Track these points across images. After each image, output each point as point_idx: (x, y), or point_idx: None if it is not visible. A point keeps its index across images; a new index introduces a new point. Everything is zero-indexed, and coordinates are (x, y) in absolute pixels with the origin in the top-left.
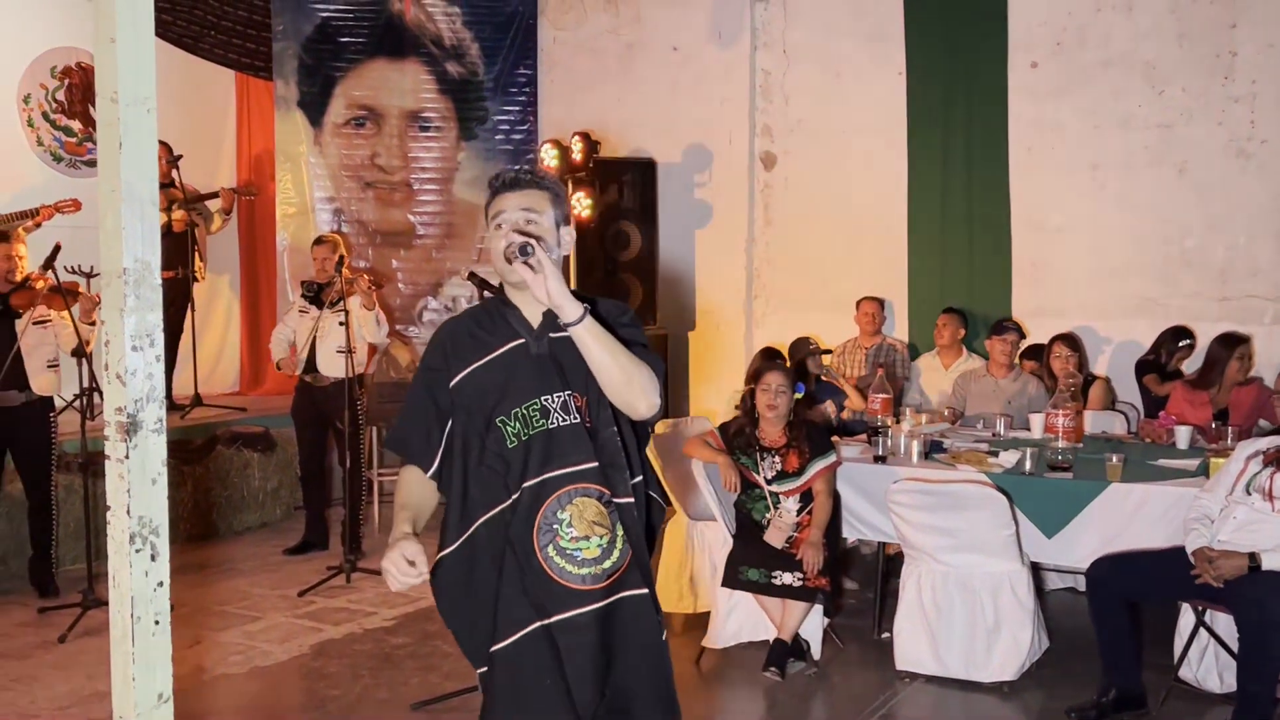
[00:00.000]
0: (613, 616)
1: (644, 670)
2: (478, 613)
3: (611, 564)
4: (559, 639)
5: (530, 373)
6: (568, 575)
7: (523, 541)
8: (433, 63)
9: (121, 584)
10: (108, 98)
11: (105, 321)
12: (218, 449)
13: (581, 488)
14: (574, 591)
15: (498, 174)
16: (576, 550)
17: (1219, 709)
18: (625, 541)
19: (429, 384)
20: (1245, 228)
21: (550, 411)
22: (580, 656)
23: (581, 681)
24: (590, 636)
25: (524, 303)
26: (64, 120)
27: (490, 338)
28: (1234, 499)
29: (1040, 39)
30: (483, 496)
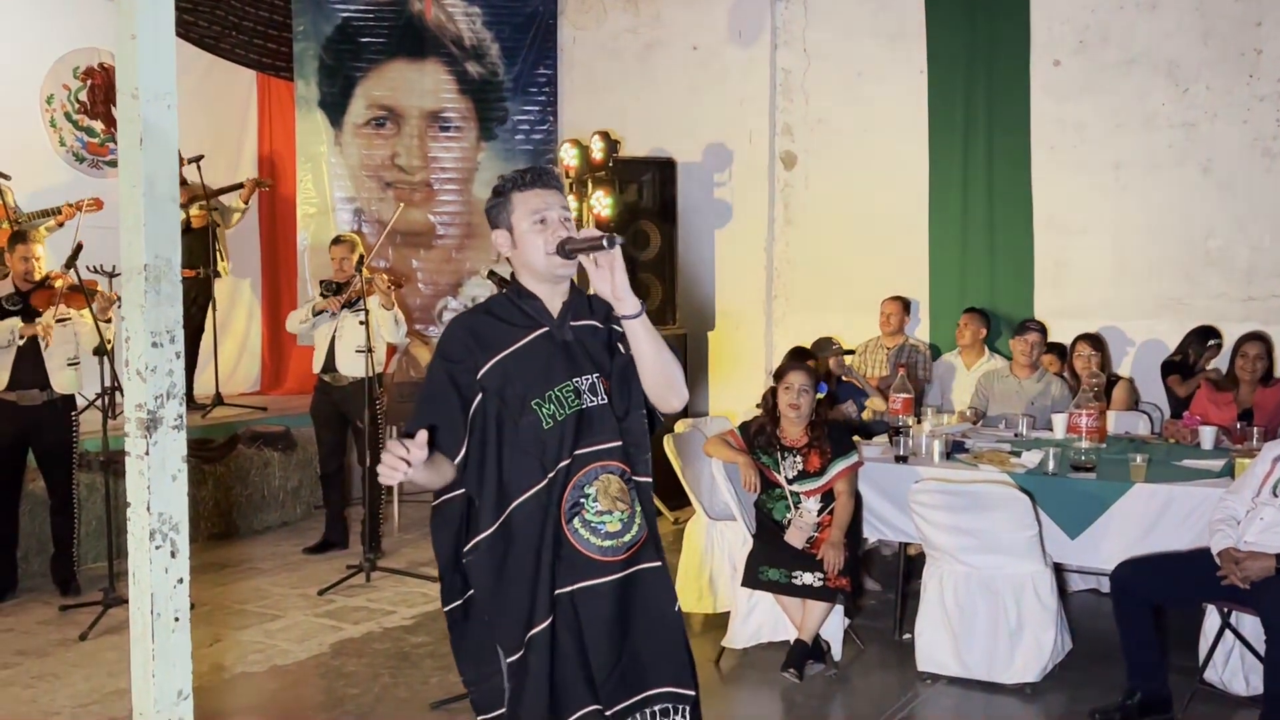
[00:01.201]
0: (630, 587)
1: (660, 637)
2: (512, 596)
3: (631, 537)
4: (580, 606)
5: (560, 357)
6: (591, 546)
7: (552, 516)
8: (453, 63)
9: (141, 580)
10: (129, 94)
11: (125, 318)
12: (238, 448)
13: (605, 465)
14: (596, 562)
15: (523, 170)
16: (600, 523)
17: (1245, 712)
18: (643, 517)
19: (451, 374)
20: (1270, 227)
21: (582, 392)
22: (598, 623)
23: (598, 647)
24: (609, 604)
25: (546, 294)
26: (86, 121)
27: (514, 327)
28: (1260, 500)
29: (1062, 37)
30: (519, 480)
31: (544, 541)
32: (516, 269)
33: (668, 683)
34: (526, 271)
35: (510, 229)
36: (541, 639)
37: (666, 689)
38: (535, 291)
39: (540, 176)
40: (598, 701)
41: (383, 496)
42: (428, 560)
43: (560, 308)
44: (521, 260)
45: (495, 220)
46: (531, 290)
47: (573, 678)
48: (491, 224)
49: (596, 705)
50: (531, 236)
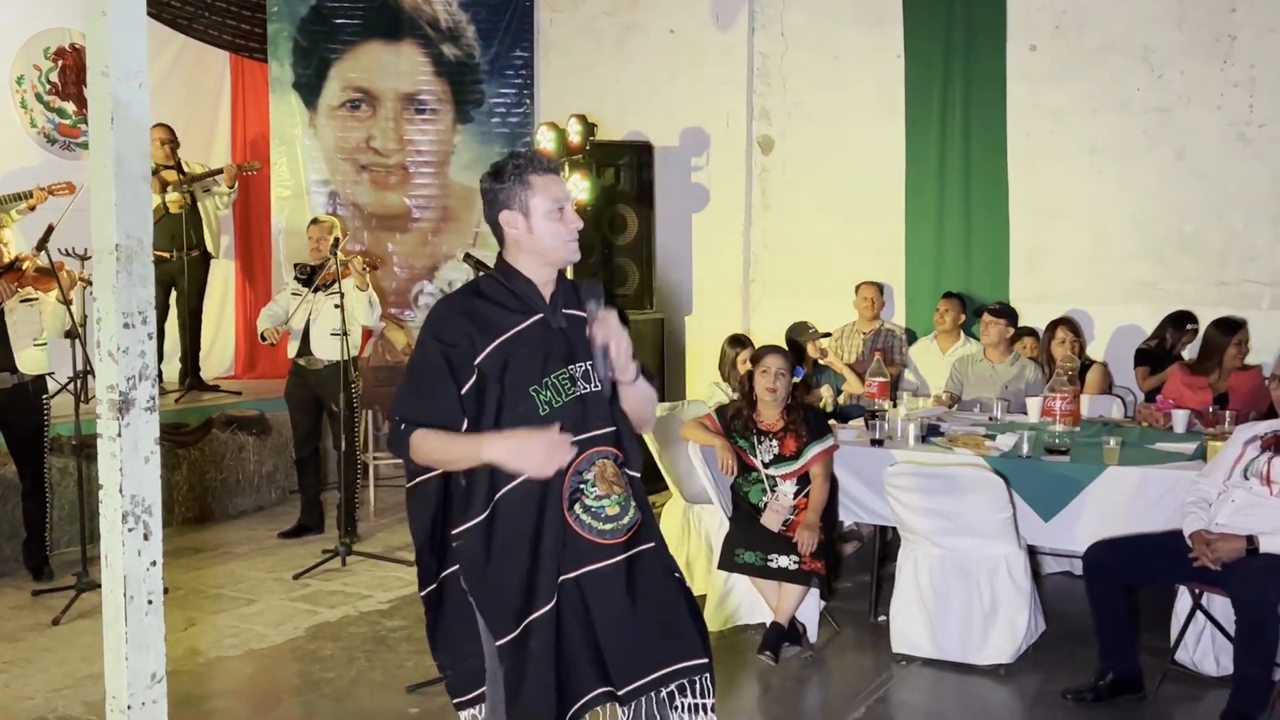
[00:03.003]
0: (634, 567)
1: (666, 614)
2: (504, 579)
3: (629, 519)
4: (586, 590)
5: (556, 344)
6: (593, 531)
7: (553, 502)
8: (429, 45)
9: (114, 563)
10: (99, 71)
11: (97, 298)
12: (213, 432)
13: (602, 450)
14: (600, 546)
15: (536, 154)
16: (600, 508)
17: (1215, 692)
18: (636, 500)
19: (447, 357)
20: (1243, 212)
21: (577, 379)
22: (605, 605)
23: (606, 629)
24: (614, 586)
25: (541, 280)
26: (58, 102)
27: (509, 312)
28: (1232, 483)
29: (1039, 22)
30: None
31: (544, 527)
32: (517, 252)
33: (679, 659)
34: (533, 256)
35: (525, 212)
36: (544, 622)
37: (678, 665)
38: (531, 276)
39: (555, 164)
40: (607, 683)
41: (358, 480)
42: (404, 545)
43: (551, 294)
44: (531, 245)
45: (506, 201)
46: (523, 270)
47: (579, 660)
48: (500, 204)
49: (605, 687)
50: (550, 223)
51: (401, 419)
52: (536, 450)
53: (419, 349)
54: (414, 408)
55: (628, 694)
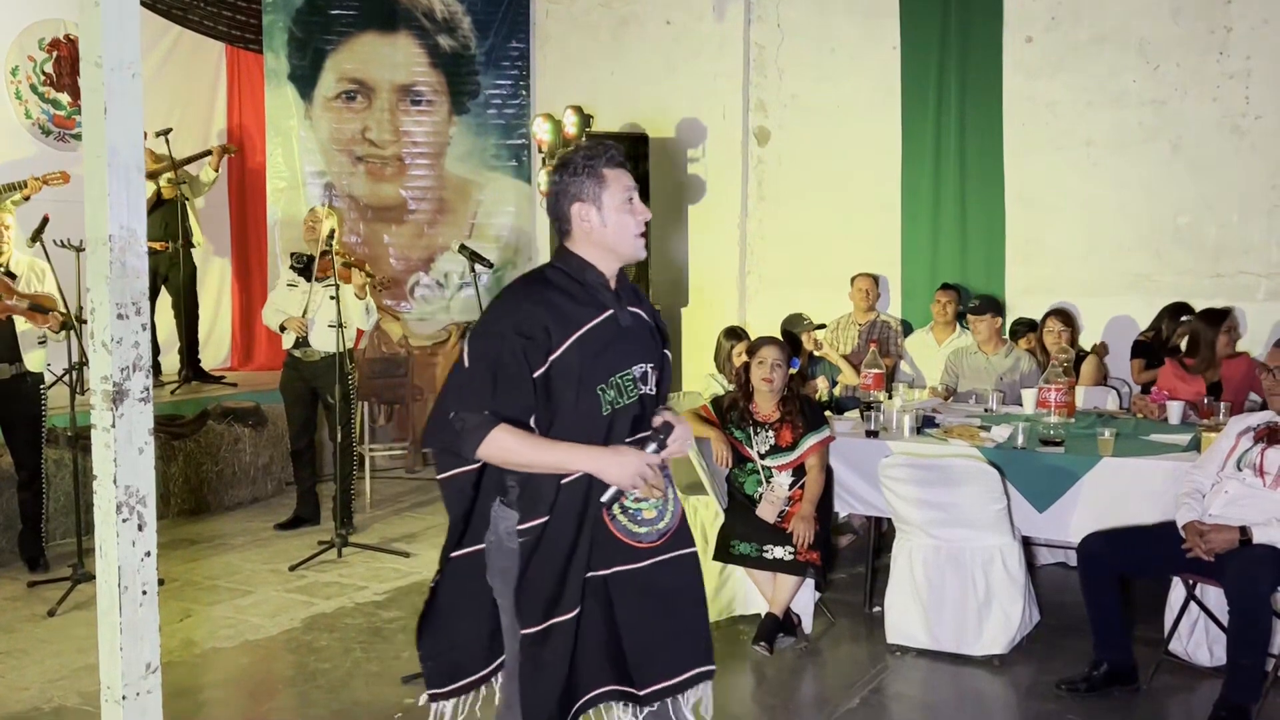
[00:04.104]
0: (663, 571)
1: (691, 620)
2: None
3: (665, 524)
4: (613, 588)
5: (624, 343)
6: (629, 533)
7: (594, 501)
8: (424, 36)
9: (109, 554)
10: (92, 62)
11: (91, 289)
12: (208, 424)
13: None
14: (633, 548)
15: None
16: (637, 510)
17: (1209, 682)
18: (675, 503)
19: (524, 350)
20: (1238, 204)
21: (637, 381)
22: (630, 606)
23: (630, 629)
24: (640, 588)
25: (606, 271)
26: (52, 93)
27: (581, 306)
28: (1225, 474)
29: (1035, 14)
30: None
31: (583, 525)
32: (585, 245)
33: (699, 663)
34: (601, 250)
35: (599, 204)
36: (568, 627)
37: (699, 669)
38: (598, 265)
39: (623, 156)
40: (622, 682)
41: (354, 472)
42: (400, 536)
43: (615, 289)
44: (603, 238)
45: (578, 193)
46: (594, 262)
47: (594, 656)
48: (571, 196)
49: (615, 685)
50: (623, 215)
51: (484, 411)
52: (634, 470)
53: (493, 340)
54: (494, 401)
55: (649, 695)
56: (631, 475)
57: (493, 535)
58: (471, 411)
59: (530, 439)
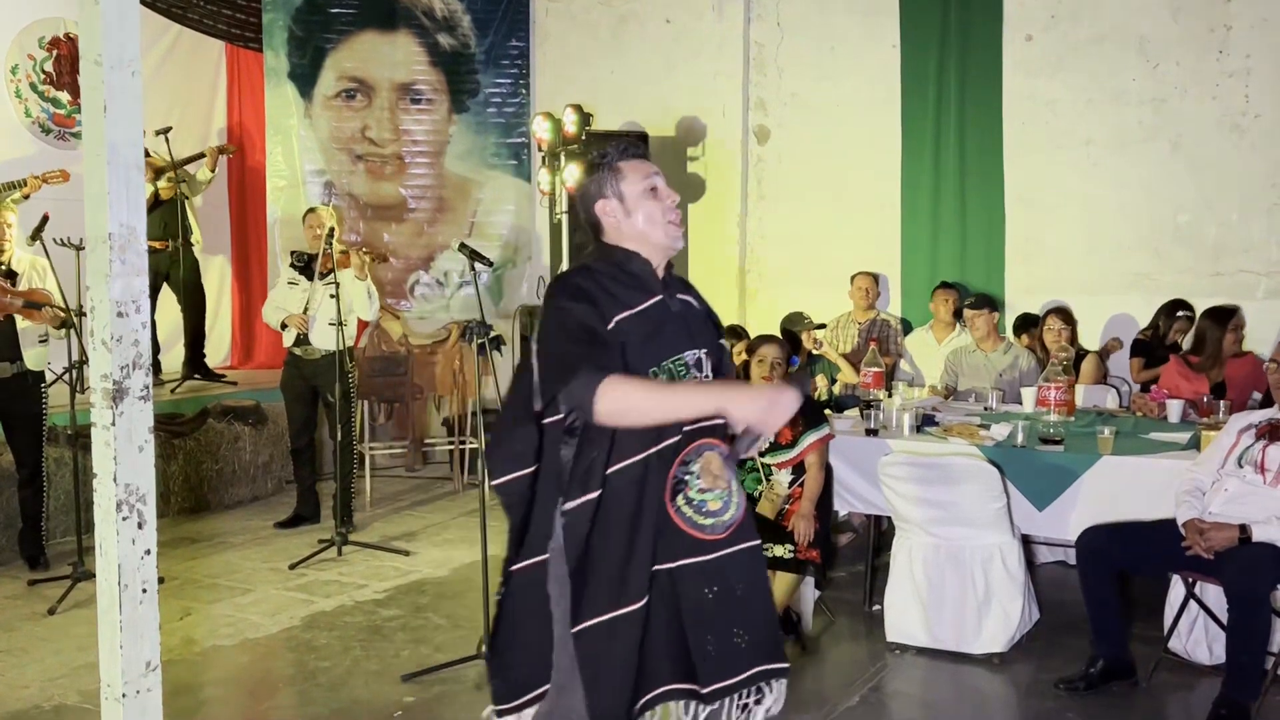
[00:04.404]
0: (730, 566)
1: (758, 616)
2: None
3: (730, 516)
4: (679, 583)
5: (675, 327)
6: (694, 525)
7: (655, 492)
8: (424, 35)
9: (109, 552)
10: (92, 60)
11: (90, 287)
12: (208, 422)
13: (709, 443)
14: (698, 541)
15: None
16: (702, 501)
17: (1208, 680)
18: (740, 495)
19: (601, 315)
20: (1238, 203)
21: (690, 366)
22: (696, 601)
23: (695, 625)
24: (707, 583)
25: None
26: (52, 91)
27: (630, 291)
28: (1226, 471)
29: (1034, 13)
30: (622, 444)
31: (643, 517)
32: (620, 238)
33: (765, 660)
34: (635, 243)
35: (620, 196)
36: (632, 621)
37: (764, 666)
38: (645, 254)
39: (638, 148)
40: (689, 679)
41: (354, 470)
42: (400, 534)
43: (663, 278)
44: (631, 229)
45: (600, 190)
46: (640, 252)
47: (660, 655)
48: (593, 196)
49: (681, 684)
50: (647, 203)
51: (589, 369)
52: (767, 404)
53: (562, 314)
54: (595, 356)
55: (712, 693)
56: (763, 411)
57: (555, 543)
58: (573, 377)
59: (647, 382)
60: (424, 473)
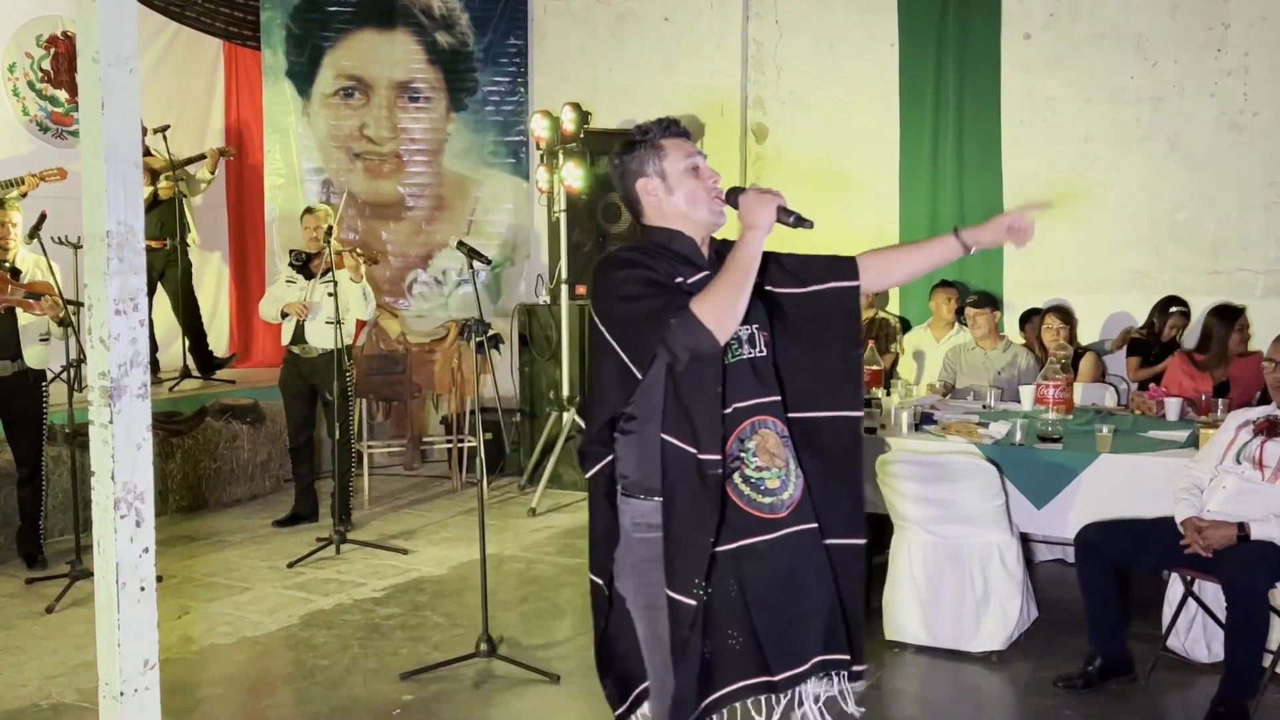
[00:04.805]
0: (792, 546)
1: (821, 600)
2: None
3: (789, 495)
4: (743, 566)
5: None
6: (753, 503)
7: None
8: (422, 33)
9: (106, 550)
10: (89, 58)
11: (88, 285)
12: (207, 420)
13: (764, 419)
14: (759, 519)
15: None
16: (760, 479)
17: (1206, 678)
18: (798, 474)
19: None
20: (1236, 201)
21: (743, 341)
22: (761, 584)
23: (762, 610)
24: (771, 564)
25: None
26: (50, 89)
27: (676, 266)
28: (1224, 468)
29: (1033, 10)
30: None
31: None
32: (661, 217)
33: (824, 650)
34: (676, 222)
35: (661, 175)
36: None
37: (828, 656)
38: (688, 232)
39: (683, 127)
40: (764, 671)
41: (352, 469)
42: (398, 532)
43: (708, 255)
44: (673, 208)
45: (640, 168)
46: (684, 231)
47: (731, 644)
48: (633, 174)
49: (761, 676)
50: (689, 181)
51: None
52: (767, 201)
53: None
54: (671, 301)
55: (784, 681)
56: (767, 208)
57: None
58: (666, 327)
59: (710, 287)
60: (422, 471)
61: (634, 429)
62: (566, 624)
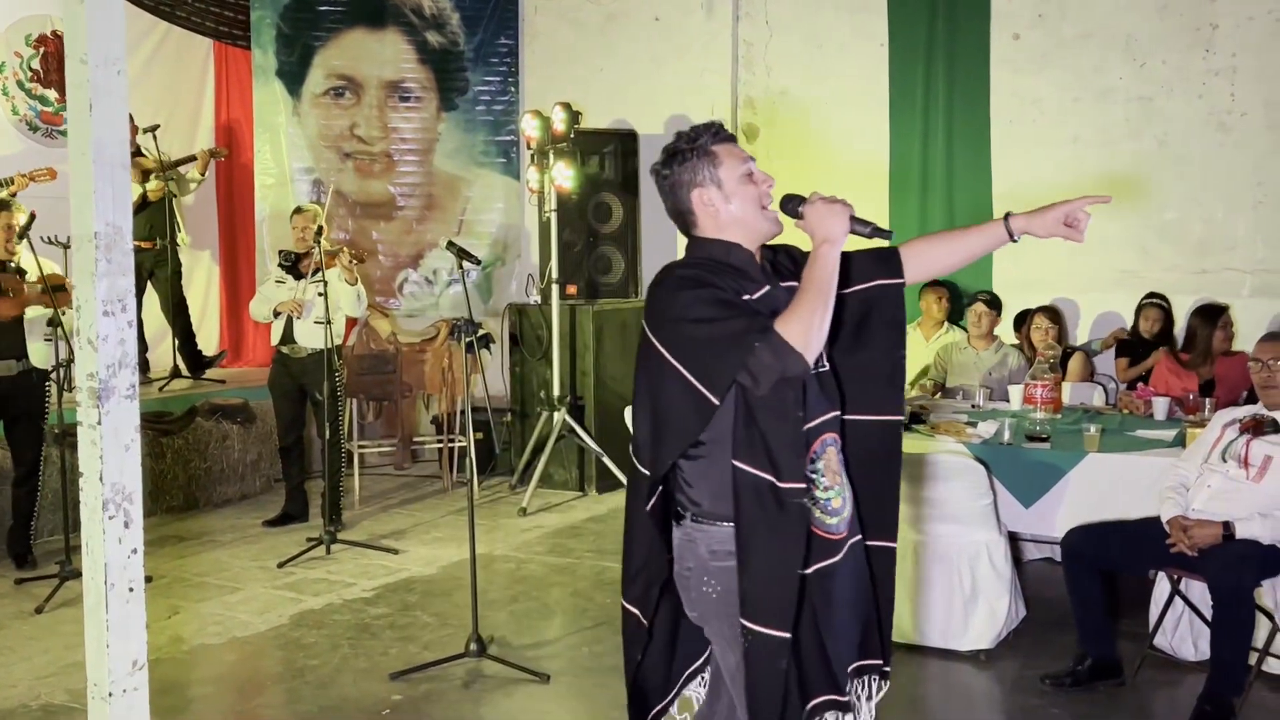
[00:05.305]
0: (853, 563)
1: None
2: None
3: (849, 512)
4: (815, 587)
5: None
6: (822, 525)
7: (791, 494)
8: (413, 32)
9: (95, 551)
10: (77, 59)
11: (76, 286)
12: (196, 421)
13: (830, 437)
14: (826, 541)
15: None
16: (827, 500)
17: (1193, 677)
18: (849, 488)
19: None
20: (1223, 200)
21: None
22: (833, 602)
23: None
24: (839, 584)
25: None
26: (40, 89)
27: (741, 283)
28: (1209, 466)
29: (1022, 10)
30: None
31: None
32: (718, 228)
33: (874, 654)
34: (732, 232)
35: (718, 184)
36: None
37: (872, 661)
38: (747, 245)
39: (726, 130)
40: (836, 690)
41: (342, 469)
42: (388, 532)
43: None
44: (730, 218)
45: (693, 179)
46: (743, 245)
47: (812, 661)
48: (687, 185)
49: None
50: (746, 189)
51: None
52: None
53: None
54: (753, 321)
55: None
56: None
57: (690, 562)
58: (749, 351)
59: (792, 306)
60: (413, 471)
61: (702, 454)
62: (556, 624)
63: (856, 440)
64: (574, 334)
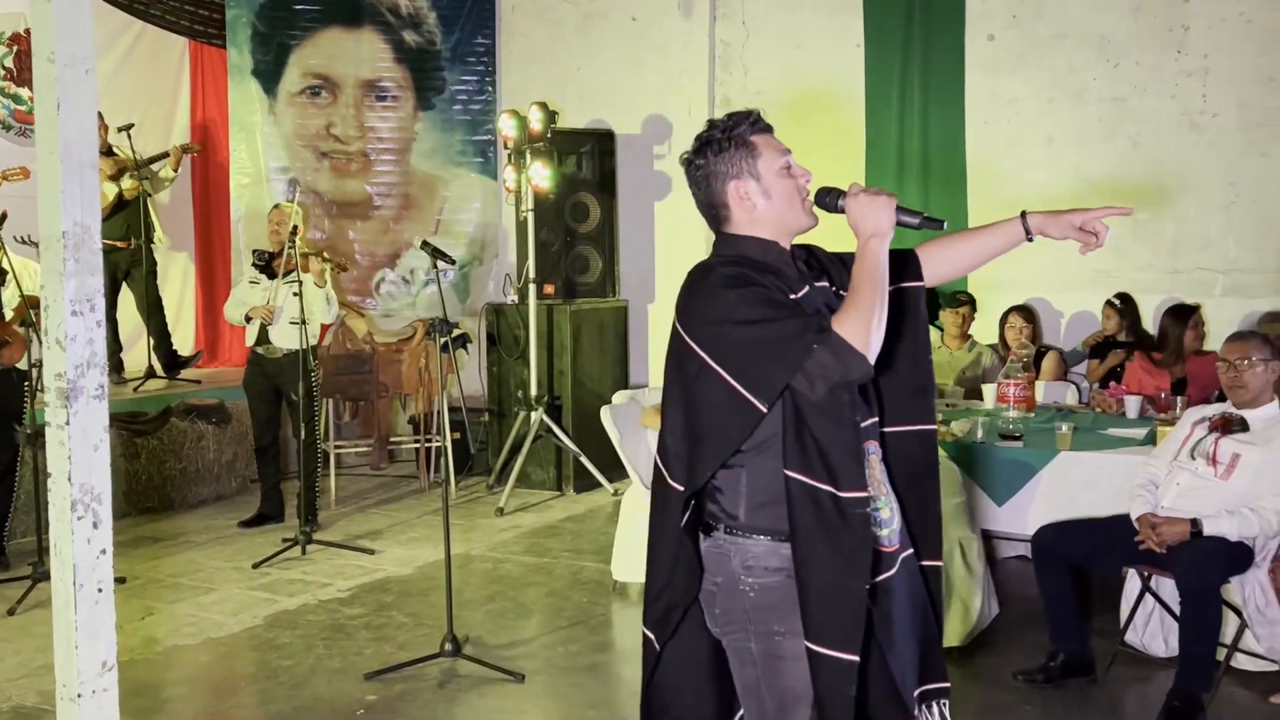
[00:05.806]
0: (907, 577)
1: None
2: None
3: (898, 522)
4: (877, 604)
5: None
6: (874, 538)
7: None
8: (389, 31)
9: (63, 551)
10: (45, 58)
11: (45, 286)
12: (171, 421)
13: (871, 445)
14: (882, 553)
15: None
16: (876, 511)
17: (1164, 673)
18: (894, 498)
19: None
20: (1195, 201)
21: None
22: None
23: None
24: (895, 599)
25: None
26: (13, 88)
27: (782, 278)
28: (1179, 464)
29: (997, 11)
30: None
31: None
32: (750, 228)
33: (936, 677)
34: (768, 227)
35: (757, 176)
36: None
37: (935, 684)
38: (782, 243)
39: (763, 120)
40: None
41: (318, 469)
42: (364, 532)
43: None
44: (768, 212)
45: (730, 171)
46: (779, 242)
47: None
48: (723, 177)
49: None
50: (784, 183)
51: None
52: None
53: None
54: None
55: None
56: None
57: (719, 576)
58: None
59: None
60: (389, 471)
61: (739, 462)
62: (532, 623)
63: (897, 453)
64: (551, 334)
